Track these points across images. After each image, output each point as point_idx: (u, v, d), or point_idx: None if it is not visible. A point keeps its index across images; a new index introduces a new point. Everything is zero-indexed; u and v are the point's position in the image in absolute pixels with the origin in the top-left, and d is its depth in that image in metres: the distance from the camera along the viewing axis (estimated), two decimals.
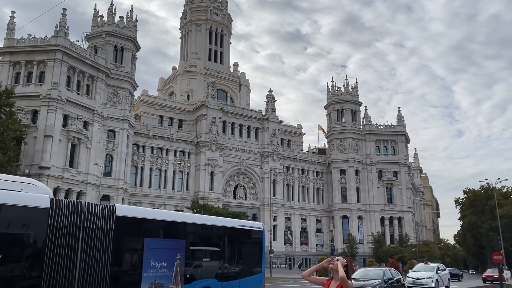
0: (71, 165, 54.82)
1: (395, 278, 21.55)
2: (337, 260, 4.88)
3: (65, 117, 54.77)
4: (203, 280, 14.53)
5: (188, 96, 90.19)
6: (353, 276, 16.42)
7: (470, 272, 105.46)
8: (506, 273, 40.27)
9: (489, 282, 42.55)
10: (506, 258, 54.61)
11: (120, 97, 63.05)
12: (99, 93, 59.79)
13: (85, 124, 57.39)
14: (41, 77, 54.42)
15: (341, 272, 4.67)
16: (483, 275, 46.47)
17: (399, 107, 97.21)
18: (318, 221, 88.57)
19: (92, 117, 58.06)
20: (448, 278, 29.80)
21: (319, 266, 4.98)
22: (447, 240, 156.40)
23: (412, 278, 27.33)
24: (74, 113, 55.59)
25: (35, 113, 52.95)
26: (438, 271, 28.06)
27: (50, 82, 52.78)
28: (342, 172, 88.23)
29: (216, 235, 16.13)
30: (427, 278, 26.28)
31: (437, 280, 26.68)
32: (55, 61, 53.70)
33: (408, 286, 26.37)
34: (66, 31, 55.32)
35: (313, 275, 5.11)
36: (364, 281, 19.38)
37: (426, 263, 31.38)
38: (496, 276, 41.46)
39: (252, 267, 17.27)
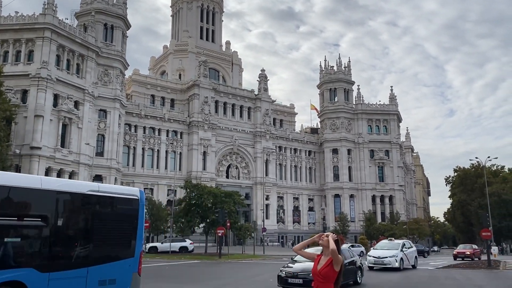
0: (62, 145, 54.50)
1: (346, 261, 16.45)
2: (327, 236, 4.94)
3: (56, 97, 54.16)
4: (8, 271, 9.25)
5: (179, 75, 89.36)
6: (299, 258, 15.17)
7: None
8: (494, 249, 41.07)
9: (460, 259, 39.53)
10: (494, 235, 55.68)
11: (111, 76, 62.34)
12: (89, 72, 59.05)
13: (76, 104, 56.84)
14: (30, 56, 53.53)
15: (332, 245, 4.73)
16: (454, 252, 42.75)
17: (391, 86, 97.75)
18: (310, 199, 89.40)
19: (83, 97, 57.47)
20: (415, 256, 27.15)
21: (311, 240, 5.05)
22: (437, 217, 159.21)
23: (373, 257, 24.08)
24: (64, 93, 54.98)
25: (24, 93, 52.29)
26: (404, 249, 24.97)
27: (39, 61, 51.97)
28: (335, 151, 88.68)
29: (42, 203, 10.50)
30: (390, 257, 23.12)
31: (401, 259, 23.62)
32: (43, 40, 52.75)
33: (368, 267, 23.34)
34: (54, 8, 54.19)
35: (304, 249, 5.19)
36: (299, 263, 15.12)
37: (391, 240, 28.00)
38: (468, 253, 39.72)
39: (116, 249, 12.11)
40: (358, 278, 17.34)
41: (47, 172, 52.17)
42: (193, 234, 53.52)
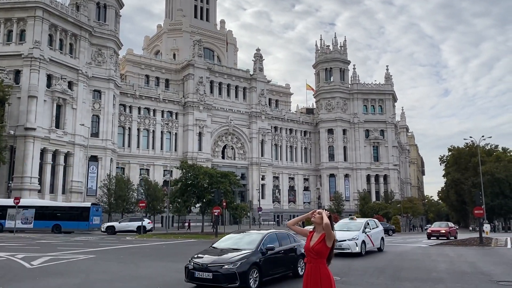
0: (57, 126, 54.27)
1: (280, 248, 12.44)
2: (319, 213, 5.00)
3: (49, 77, 53.68)
4: None
5: (174, 55, 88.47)
6: (219, 245, 12.43)
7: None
8: (486, 227, 41.80)
9: (435, 238, 36.60)
10: (486, 213, 56.51)
11: (105, 56, 61.69)
12: (82, 52, 58.40)
13: (70, 84, 56.39)
14: (21, 35, 52.84)
15: (326, 219, 4.81)
16: (428, 230, 39.55)
17: (387, 66, 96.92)
18: (306, 179, 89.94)
19: (76, 77, 56.98)
20: (382, 238, 23.19)
21: (305, 216, 5.14)
22: (431, 196, 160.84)
23: None
24: (58, 73, 54.48)
25: (17, 73, 51.80)
26: (367, 229, 21.12)
27: (32, 41, 51.32)
28: (330, 131, 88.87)
29: None
30: (349, 240, 19.00)
31: (363, 242, 19.79)
32: (35, 19, 51.99)
33: None
34: None
35: (297, 225, 5.29)
36: (229, 252, 11.64)
37: (352, 219, 23.85)
38: (443, 231, 36.83)
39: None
40: (299, 269, 12.78)
41: (42, 153, 52.09)
42: (190, 214, 53.96)
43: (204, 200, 45.39)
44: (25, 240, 29.55)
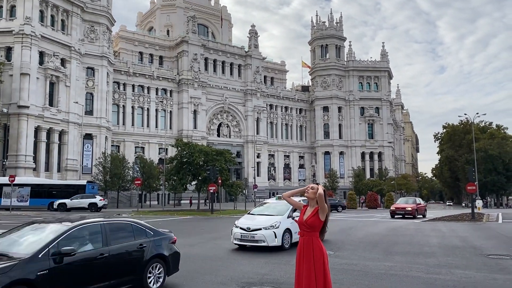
0: (51, 104, 53.84)
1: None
2: (312, 188, 5.03)
3: (41, 54, 52.96)
4: None
5: (168, 31, 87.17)
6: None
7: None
8: (478, 203, 42.32)
9: (400, 216, 30.50)
10: (479, 189, 57.16)
11: (98, 33, 60.78)
12: (75, 28, 57.48)
13: (63, 62, 55.70)
14: (12, 11, 51.87)
15: (320, 190, 4.85)
16: (392, 207, 32.82)
17: (383, 43, 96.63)
18: (301, 157, 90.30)
19: (69, 54, 56.24)
20: None
21: (300, 190, 5.18)
22: (425, 173, 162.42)
23: (240, 229, 13.57)
24: (50, 50, 53.72)
25: (9, 50, 51.09)
26: (296, 213, 13.43)
27: (22, 16, 50.39)
28: (325, 109, 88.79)
29: None
30: (265, 228, 13.26)
31: (288, 230, 13.70)
32: None
33: (235, 244, 13.89)
34: None
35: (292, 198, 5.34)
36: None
37: (279, 198, 15.60)
38: (410, 208, 30.56)
39: None
40: (151, 282, 7.88)
41: (37, 131, 51.82)
42: (186, 192, 54.24)
43: (199, 178, 45.56)
44: (21, 218, 29.66)
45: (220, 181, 42.51)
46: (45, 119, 52.41)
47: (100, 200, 42.84)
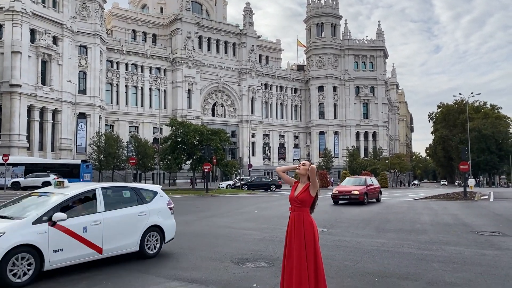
0: (43, 83, 53.26)
1: None
2: (303, 165, 5.05)
3: (32, 32, 52.10)
4: None
5: (161, 9, 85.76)
6: None
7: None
8: (471, 181, 42.83)
9: (345, 202, 22.91)
10: (472, 168, 57.76)
11: (90, 10, 59.74)
12: (66, 5, 56.43)
13: (55, 40, 54.86)
14: None
15: (313, 166, 4.88)
16: (334, 190, 24.16)
17: (379, 21, 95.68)
18: (296, 137, 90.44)
19: (61, 32, 55.35)
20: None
21: (294, 167, 5.20)
22: (419, 153, 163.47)
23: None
24: (41, 28, 52.83)
25: None
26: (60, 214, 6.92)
27: None
28: (320, 88, 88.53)
29: None
30: None
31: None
32: None
33: None
34: None
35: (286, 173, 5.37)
36: None
37: (60, 185, 7.99)
38: (356, 193, 22.61)
39: None
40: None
41: (30, 111, 51.40)
42: (181, 171, 54.37)
43: (194, 157, 45.66)
44: (15, 196, 29.68)
45: (215, 160, 42.61)
46: (38, 98, 51.92)
47: (53, 179, 39.67)
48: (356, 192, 22.55)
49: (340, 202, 22.92)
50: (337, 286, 6.48)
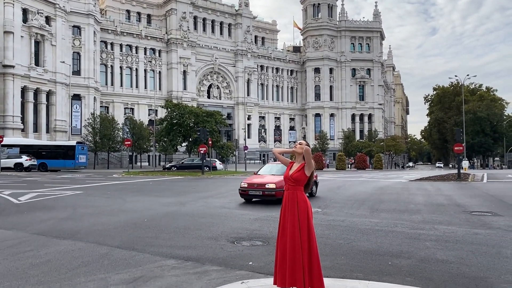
0: (37, 64, 52.70)
1: None
2: (300, 144, 5.07)
3: (25, 12, 51.30)
4: None
5: None
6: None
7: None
8: (465, 163, 43.15)
9: (258, 199, 15.44)
10: (466, 150, 58.13)
11: None
12: None
13: (47, 20, 54.08)
14: None
15: (308, 148, 4.89)
16: (244, 182, 15.63)
17: (375, 2, 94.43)
18: (292, 119, 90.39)
19: (54, 12, 54.52)
20: None
21: (291, 150, 5.21)
22: (414, 135, 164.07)
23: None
24: (34, 7, 52.01)
25: None
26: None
27: None
28: (317, 70, 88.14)
29: None
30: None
31: None
32: None
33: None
34: None
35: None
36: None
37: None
38: (273, 186, 14.88)
39: None
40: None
41: (23, 92, 50.96)
42: (176, 153, 54.39)
43: (190, 139, 45.60)
44: (11, 178, 29.66)
45: (210, 142, 42.59)
46: (32, 79, 51.43)
47: (26, 160, 40.37)
48: (272, 186, 14.69)
49: (253, 199, 15.56)
50: (331, 263, 6.58)
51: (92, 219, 11.17)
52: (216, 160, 50.39)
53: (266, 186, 14.72)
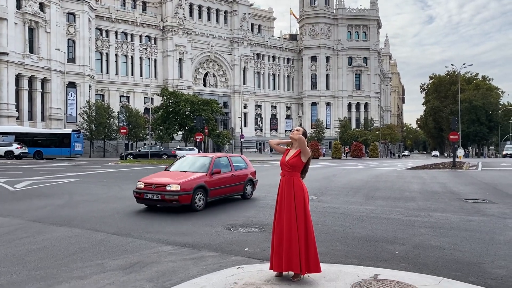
0: (31, 51, 52.21)
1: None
2: (297, 130, 5.07)
3: None
4: None
5: None
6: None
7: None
8: (460, 152, 43.34)
9: (160, 206, 10.76)
10: (461, 139, 58.36)
11: None
12: None
13: (42, 6, 53.43)
14: None
15: (301, 136, 4.90)
16: (139, 182, 10.83)
17: None
18: (288, 108, 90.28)
19: None
20: None
21: (288, 141, 5.21)
22: (410, 124, 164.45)
23: None
24: None
25: None
26: None
27: None
28: (313, 59, 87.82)
29: None
30: None
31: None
32: None
33: None
34: None
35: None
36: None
37: None
38: (176, 188, 10.07)
39: None
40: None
41: (18, 79, 50.56)
42: (172, 141, 54.33)
43: (186, 128, 45.52)
44: (6, 166, 29.57)
45: (206, 130, 42.55)
46: (26, 67, 50.99)
47: (17, 148, 39.96)
48: (175, 188, 10.37)
49: (156, 205, 11.00)
50: (326, 250, 6.63)
51: (89, 206, 11.19)
52: (187, 147, 46.68)
53: (167, 188, 10.39)
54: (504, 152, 66.18)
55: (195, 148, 44.79)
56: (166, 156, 42.52)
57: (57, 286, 4.98)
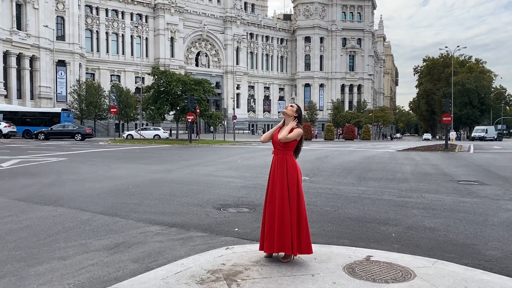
0: (19, 28, 51.03)
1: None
2: (292, 106, 4.86)
3: None
4: None
5: None
6: None
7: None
8: (452, 134, 43.43)
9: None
10: (454, 122, 58.54)
11: None
12: None
13: None
14: None
15: (292, 112, 4.69)
16: None
17: None
18: (281, 89, 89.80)
19: None
20: None
21: (277, 126, 4.94)
22: (402, 107, 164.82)
23: None
24: None
25: None
26: None
27: None
28: (307, 39, 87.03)
29: None
30: None
31: None
32: None
33: None
34: None
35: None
36: None
37: None
38: None
39: None
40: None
41: (6, 57, 49.52)
42: (164, 122, 53.83)
43: (178, 108, 45.04)
44: None
45: (198, 111, 42.12)
46: (14, 44, 49.91)
47: (5, 126, 38.70)
48: None
49: None
50: (318, 230, 6.49)
51: (76, 186, 10.95)
52: (152, 127, 45.95)
53: None
54: (473, 135, 66.21)
55: (160, 128, 47.98)
56: (80, 136, 39.42)
57: (38, 266, 4.77)
